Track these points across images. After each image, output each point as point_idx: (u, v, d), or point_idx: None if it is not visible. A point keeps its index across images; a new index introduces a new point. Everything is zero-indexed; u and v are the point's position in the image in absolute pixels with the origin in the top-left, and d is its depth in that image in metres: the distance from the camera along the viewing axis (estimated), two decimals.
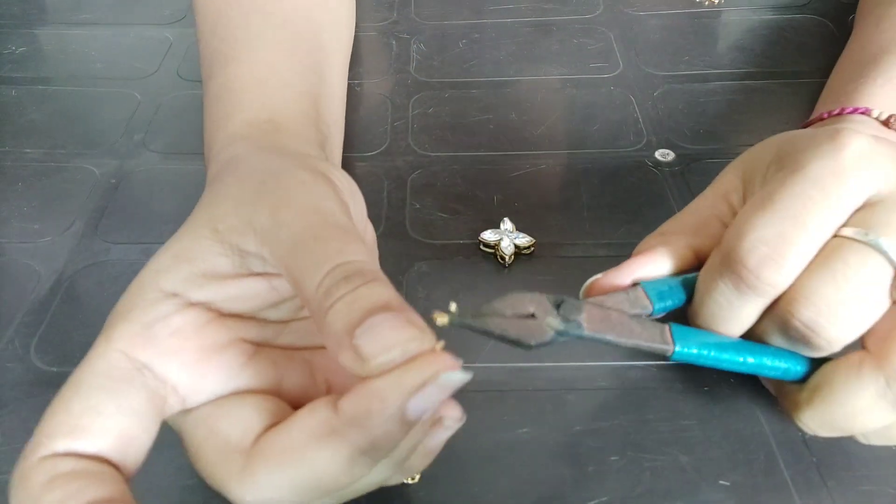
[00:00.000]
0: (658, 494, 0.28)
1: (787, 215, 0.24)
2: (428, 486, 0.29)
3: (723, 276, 0.25)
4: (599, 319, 0.26)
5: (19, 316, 0.35)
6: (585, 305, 0.26)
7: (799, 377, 0.26)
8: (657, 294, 0.27)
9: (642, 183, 0.41)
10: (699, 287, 0.27)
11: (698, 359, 0.26)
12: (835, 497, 0.28)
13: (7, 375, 0.33)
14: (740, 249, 0.25)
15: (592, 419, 0.31)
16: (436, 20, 0.55)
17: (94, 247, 0.39)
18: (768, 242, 0.24)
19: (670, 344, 0.26)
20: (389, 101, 0.48)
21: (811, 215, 0.24)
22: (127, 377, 0.22)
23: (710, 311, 0.26)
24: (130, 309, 0.23)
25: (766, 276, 0.24)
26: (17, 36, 0.56)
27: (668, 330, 0.26)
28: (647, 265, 0.28)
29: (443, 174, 0.42)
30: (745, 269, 0.25)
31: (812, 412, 0.26)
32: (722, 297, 0.26)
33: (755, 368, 0.26)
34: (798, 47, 0.51)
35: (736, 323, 0.26)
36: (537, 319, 0.25)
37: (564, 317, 0.25)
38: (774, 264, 0.24)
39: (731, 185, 0.29)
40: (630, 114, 0.46)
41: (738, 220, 0.26)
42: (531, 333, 0.24)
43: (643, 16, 0.55)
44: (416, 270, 0.37)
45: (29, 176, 0.43)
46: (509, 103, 0.47)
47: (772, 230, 0.24)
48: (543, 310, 0.25)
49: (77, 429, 0.21)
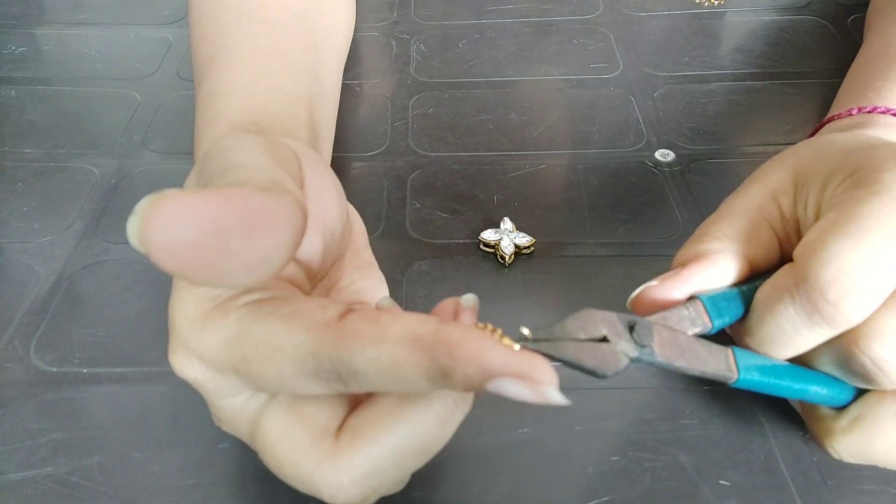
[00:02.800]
0: (658, 494, 0.28)
1: (872, 246, 0.23)
2: (428, 486, 0.29)
3: (794, 302, 0.24)
4: (670, 345, 0.25)
5: (19, 316, 0.35)
6: (655, 327, 0.25)
7: (840, 404, 0.26)
8: (716, 309, 0.26)
9: (642, 183, 0.41)
10: (761, 306, 0.25)
11: (756, 385, 0.26)
12: (835, 497, 0.28)
13: (7, 375, 0.33)
14: (821, 279, 0.23)
15: (593, 419, 0.31)
16: (436, 20, 0.55)
17: (93, 247, 0.39)
18: (853, 276, 0.22)
19: (734, 372, 0.25)
20: (389, 102, 0.48)
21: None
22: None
23: (770, 334, 0.25)
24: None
25: (845, 310, 0.23)
26: (16, 36, 0.56)
27: (731, 355, 0.25)
28: (705, 277, 0.27)
29: (443, 174, 0.42)
30: (824, 300, 0.23)
31: (849, 442, 0.25)
32: (788, 322, 0.24)
33: (801, 394, 0.26)
34: (798, 48, 0.51)
35: (794, 349, 0.25)
36: (611, 344, 0.24)
37: (639, 342, 0.24)
38: (858, 299, 0.23)
39: (780, 187, 0.27)
40: (630, 114, 0.46)
41: (817, 241, 0.24)
42: (608, 363, 0.24)
43: (643, 16, 0.55)
44: (416, 270, 0.37)
45: (28, 176, 0.43)
46: (509, 103, 0.47)
47: (856, 262, 0.23)
48: (615, 332, 0.24)
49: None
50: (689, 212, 0.39)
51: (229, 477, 0.29)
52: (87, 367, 0.33)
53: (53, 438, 0.30)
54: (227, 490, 0.29)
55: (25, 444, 0.30)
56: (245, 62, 0.36)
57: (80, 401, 0.32)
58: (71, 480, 0.29)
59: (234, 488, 0.29)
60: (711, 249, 0.27)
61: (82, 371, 0.33)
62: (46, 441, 0.30)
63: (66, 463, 0.30)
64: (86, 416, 0.31)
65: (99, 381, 0.33)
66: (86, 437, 0.30)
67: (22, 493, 0.29)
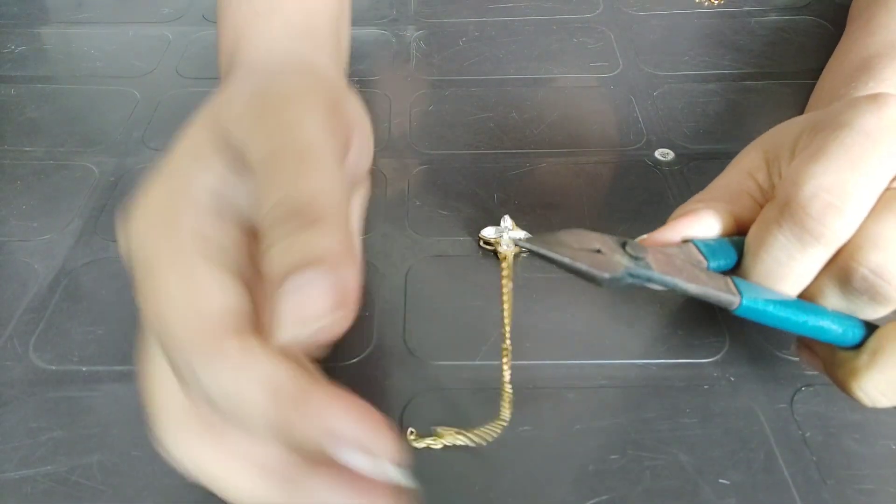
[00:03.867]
0: (658, 493, 0.28)
1: (844, 164, 0.24)
2: (427, 485, 0.29)
3: (782, 227, 0.25)
4: (665, 262, 0.25)
5: (18, 314, 0.35)
6: (650, 248, 0.25)
7: (855, 342, 0.26)
8: (710, 251, 0.26)
9: (642, 182, 0.41)
10: (751, 244, 0.26)
11: (762, 315, 0.25)
12: (835, 496, 0.28)
13: (6, 374, 0.33)
14: (801, 197, 0.24)
15: (592, 418, 0.31)
16: (436, 18, 0.55)
17: (93, 244, 0.39)
18: (830, 189, 0.24)
19: (736, 295, 0.25)
20: (390, 99, 0.48)
21: (868, 163, 0.24)
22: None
23: (768, 266, 0.26)
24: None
25: (830, 223, 0.24)
26: (16, 35, 0.55)
27: (731, 282, 0.25)
28: (695, 224, 0.27)
29: (443, 172, 0.42)
30: (809, 216, 0.24)
31: (875, 376, 0.25)
32: (781, 250, 0.25)
33: (814, 331, 0.25)
34: (797, 48, 0.51)
35: (795, 279, 0.25)
36: (605, 255, 0.24)
37: (632, 255, 0.24)
38: (838, 211, 0.24)
39: (753, 164, 0.29)
40: (630, 113, 0.46)
41: (792, 171, 0.25)
42: (604, 266, 0.23)
43: (643, 15, 0.55)
44: (417, 268, 0.37)
45: (28, 174, 0.43)
46: (510, 102, 0.47)
47: (831, 177, 0.24)
48: (609, 248, 0.24)
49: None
50: None
51: None
52: (86, 365, 0.33)
53: (53, 437, 0.30)
54: None
55: (25, 443, 0.30)
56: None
57: (79, 399, 0.32)
58: (71, 479, 0.29)
59: None
60: (698, 207, 0.28)
61: (81, 369, 0.33)
62: (46, 440, 0.30)
63: (65, 461, 0.30)
64: (85, 415, 0.31)
65: (98, 379, 0.32)
66: (85, 435, 0.30)
67: (21, 491, 0.29)
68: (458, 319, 0.34)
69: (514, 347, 0.32)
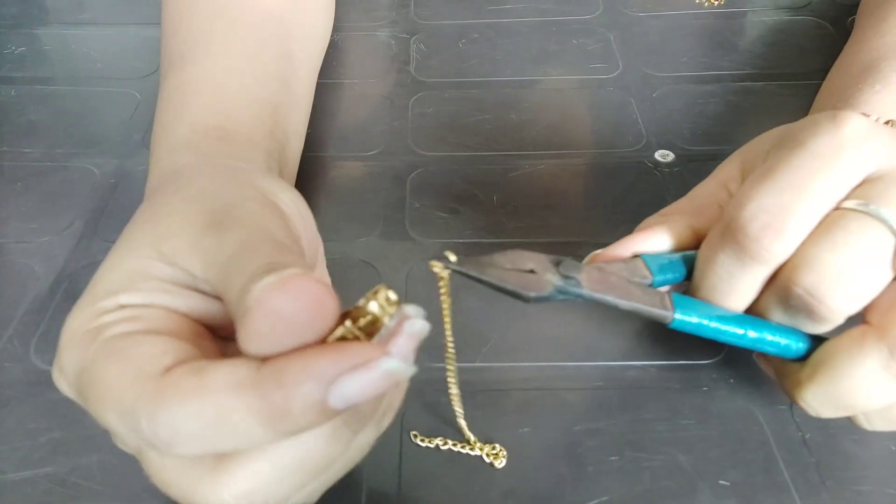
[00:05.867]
0: (657, 494, 0.28)
1: (788, 185, 0.24)
2: (428, 485, 0.29)
3: (724, 247, 0.25)
4: (598, 280, 0.26)
5: (19, 315, 0.35)
6: (585, 267, 0.26)
7: (800, 355, 0.26)
8: (657, 267, 0.27)
9: (641, 183, 0.41)
10: (700, 260, 0.27)
11: (698, 329, 0.26)
12: (833, 497, 0.28)
13: (6, 375, 0.33)
14: (741, 218, 0.25)
15: (591, 419, 0.31)
16: (435, 20, 0.55)
17: (93, 246, 0.39)
18: (769, 210, 0.24)
19: (670, 310, 0.26)
20: (388, 101, 0.48)
21: (811, 185, 0.24)
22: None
23: (712, 283, 0.26)
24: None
25: (767, 244, 0.24)
26: (16, 36, 0.55)
27: (668, 298, 0.26)
28: (647, 240, 0.28)
29: (442, 174, 0.42)
30: (747, 237, 0.25)
31: (814, 389, 0.25)
32: (723, 268, 0.26)
33: (755, 343, 0.26)
34: (797, 49, 0.51)
35: (737, 296, 0.26)
36: (537, 275, 0.24)
37: (564, 274, 0.25)
38: (776, 231, 0.24)
39: (729, 175, 0.29)
40: (629, 114, 0.46)
41: (739, 192, 0.26)
42: (530, 286, 0.24)
43: (642, 16, 0.55)
44: (415, 270, 0.37)
45: (28, 175, 0.43)
46: (508, 103, 0.47)
47: (773, 199, 0.24)
48: (543, 267, 0.25)
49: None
50: None
51: None
52: None
53: (53, 438, 0.30)
54: None
55: (25, 444, 0.30)
56: (217, 63, 0.36)
57: None
58: (70, 480, 0.29)
59: None
60: (654, 221, 0.29)
61: None
62: (46, 441, 0.30)
63: (65, 462, 0.30)
64: (85, 416, 0.31)
65: None
66: (85, 436, 0.30)
67: (21, 492, 0.29)
68: (458, 321, 0.34)
69: (515, 348, 0.32)
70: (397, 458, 0.29)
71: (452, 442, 0.30)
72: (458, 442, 0.30)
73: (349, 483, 0.29)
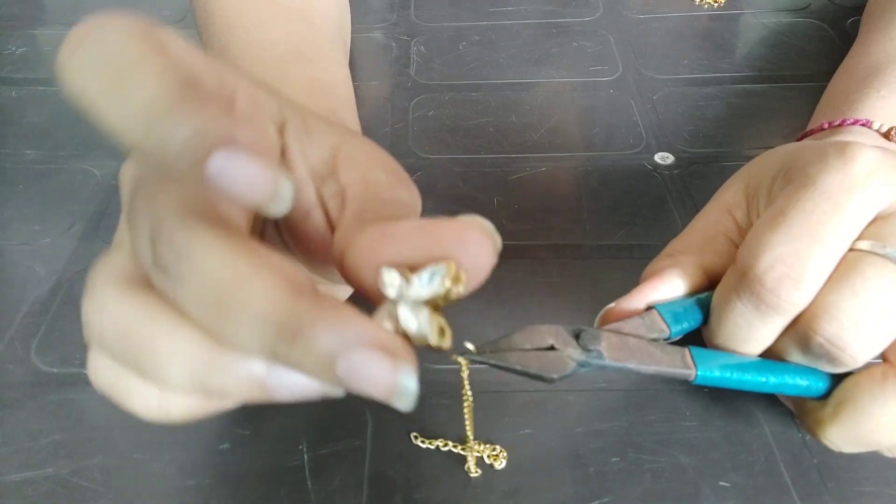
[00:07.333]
0: (659, 495, 0.28)
1: (802, 232, 0.24)
2: (429, 486, 0.29)
3: (741, 297, 0.25)
4: (619, 347, 0.26)
5: (20, 317, 0.35)
6: (603, 334, 0.26)
7: (821, 394, 0.26)
8: (673, 316, 0.27)
9: (642, 186, 0.41)
10: (715, 308, 0.27)
11: (721, 381, 0.26)
12: (835, 498, 0.28)
13: (7, 376, 0.33)
14: (757, 269, 0.24)
15: (593, 420, 0.31)
16: (436, 22, 0.55)
17: (94, 248, 0.39)
18: (785, 261, 0.24)
19: (692, 368, 0.26)
20: (389, 104, 0.48)
21: (826, 230, 0.24)
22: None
23: (729, 331, 0.26)
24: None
25: (785, 295, 0.24)
26: (17, 36, 0.56)
27: (688, 354, 0.26)
28: (659, 288, 0.28)
29: (443, 177, 0.42)
30: (764, 288, 0.24)
31: (838, 428, 0.25)
32: (741, 317, 0.25)
33: (777, 388, 0.26)
34: (798, 51, 0.51)
35: (756, 343, 0.26)
36: (557, 351, 0.25)
37: (584, 347, 0.25)
38: (793, 282, 0.24)
39: (734, 201, 0.29)
40: (629, 117, 0.46)
41: (751, 238, 0.25)
42: (553, 367, 0.24)
43: (643, 19, 0.55)
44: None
45: (29, 177, 0.43)
46: (509, 106, 0.47)
47: (787, 248, 0.24)
48: (562, 341, 0.25)
49: None
50: (688, 215, 0.39)
51: (229, 477, 0.29)
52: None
53: (54, 439, 0.30)
54: (227, 491, 0.29)
55: (26, 446, 0.30)
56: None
57: (80, 402, 0.32)
58: (72, 481, 0.29)
59: (233, 489, 0.29)
60: (663, 266, 0.28)
61: (83, 372, 0.33)
62: (47, 442, 0.30)
63: (66, 464, 0.30)
64: (86, 417, 0.31)
65: None
66: (86, 438, 0.30)
67: (23, 494, 0.29)
68: (458, 322, 0.34)
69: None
70: (398, 459, 0.29)
71: (453, 443, 0.30)
72: (459, 444, 0.30)
73: (350, 483, 0.29)
